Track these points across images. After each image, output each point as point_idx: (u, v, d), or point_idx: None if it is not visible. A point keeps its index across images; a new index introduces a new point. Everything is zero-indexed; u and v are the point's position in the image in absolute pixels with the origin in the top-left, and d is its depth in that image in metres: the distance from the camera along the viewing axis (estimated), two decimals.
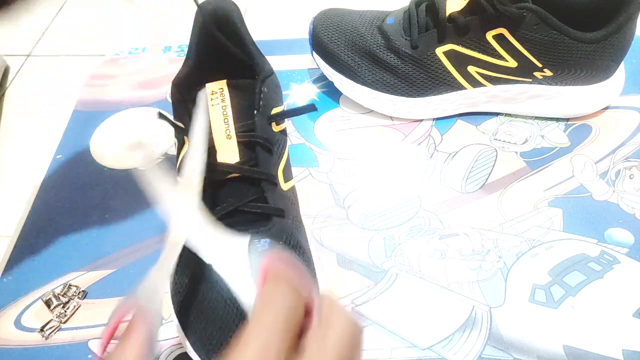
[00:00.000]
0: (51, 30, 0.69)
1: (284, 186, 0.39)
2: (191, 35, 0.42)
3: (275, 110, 0.40)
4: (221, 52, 0.42)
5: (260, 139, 0.38)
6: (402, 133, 0.51)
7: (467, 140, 0.50)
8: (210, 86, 0.38)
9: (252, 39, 0.43)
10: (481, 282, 0.40)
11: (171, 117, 0.40)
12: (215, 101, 0.38)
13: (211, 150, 0.37)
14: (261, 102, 0.39)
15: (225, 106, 0.38)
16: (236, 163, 0.37)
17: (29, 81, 0.62)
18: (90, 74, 0.59)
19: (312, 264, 0.38)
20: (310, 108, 0.41)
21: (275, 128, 0.40)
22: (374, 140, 0.51)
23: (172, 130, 0.42)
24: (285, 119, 0.43)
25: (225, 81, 0.38)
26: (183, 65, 0.42)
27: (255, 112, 0.38)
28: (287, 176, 0.41)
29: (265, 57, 0.43)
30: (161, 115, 0.39)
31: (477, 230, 0.43)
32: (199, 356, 0.34)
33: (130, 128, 0.53)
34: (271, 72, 0.41)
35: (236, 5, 0.42)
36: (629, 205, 0.45)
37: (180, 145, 0.40)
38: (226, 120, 0.37)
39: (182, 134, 0.40)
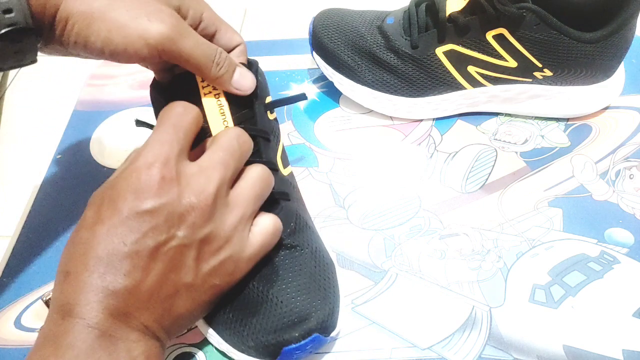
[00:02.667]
0: None
1: (284, 172, 0.39)
2: None
3: (267, 100, 0.40)
4: None
5: (261, 128, 0.37)
6: (402, 133, 0.51)
7: (467, 140, 0.50)
8: None
9: None
10: (481, 282, 0.40)
11: (152, 122, 0.39)
12: (207, 89, 0.36)
13: None
14: (257, 91, 0.38)
15: (219, 96, 0.36)
16: None
17: (29, 81, 0.62)
18: (90, 74, 0.59)
19: (321, 242, 0.39)
20: (301, 96, 0.41)
21: (270, 116, 0.40)
22: (374, 140, 0.51)
23: None
24: (277, 112, 0.43)
25: None
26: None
27: (255, 100, 0.38)
28: (285, 162, 0.41)
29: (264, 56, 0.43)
30: (139, 123, 0.37)
31: (477, 230, 0.43)
32: (223, 339, 0.34)
33: (130, 128, 0.53)
34: (257, 62, 0.41)
35: None
36: (629, 205, 0.45)
37: None
38: (222, 112, 0.36)
39: None
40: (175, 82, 0.37)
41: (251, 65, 0.39)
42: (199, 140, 0.36)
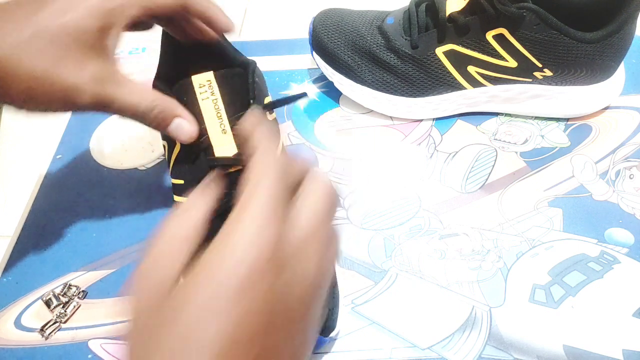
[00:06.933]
0: None
1: None
2: (162, 33, 0.41)
3: (266, 100, 0.40)
4: (186, 48, 0.41)
5: None
6: (402, 133, 0.51)
7: (467, 140, 0.50)
8: (197, 79, 0.37)
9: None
10: (481, 282, 0.40)
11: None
12: (205, 95, 0.37)
13: (207, 148, 0.37)
14: (254, 93, 0.38)
15: (216, 99, 0.37)
16: (235, 155, 0.36)
17: None
18: None
19: None
20: (301, 95, 0.40)
21: (269, 117, 0.40)
22: (374, 140, 0.51)
23: None
24: (277, 112, 0.43)
25: (212, 72, 0.37)
26: (159, 65, 0.41)
27: (252, 101, 0.38)
28: None
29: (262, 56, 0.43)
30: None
31: (477, 230, 0.43)
32: None
33: (130, 128, 0.53)
34: (254, 62, 0.41)
35: None
36: (629, 205, 0.45)
37: (171, 147, 0.39)
38: (219, 115, 0.36)
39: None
40: (175, 88, 0.38)
41: (248, 66, 0.38)
42: (194, 146, 0.36)
